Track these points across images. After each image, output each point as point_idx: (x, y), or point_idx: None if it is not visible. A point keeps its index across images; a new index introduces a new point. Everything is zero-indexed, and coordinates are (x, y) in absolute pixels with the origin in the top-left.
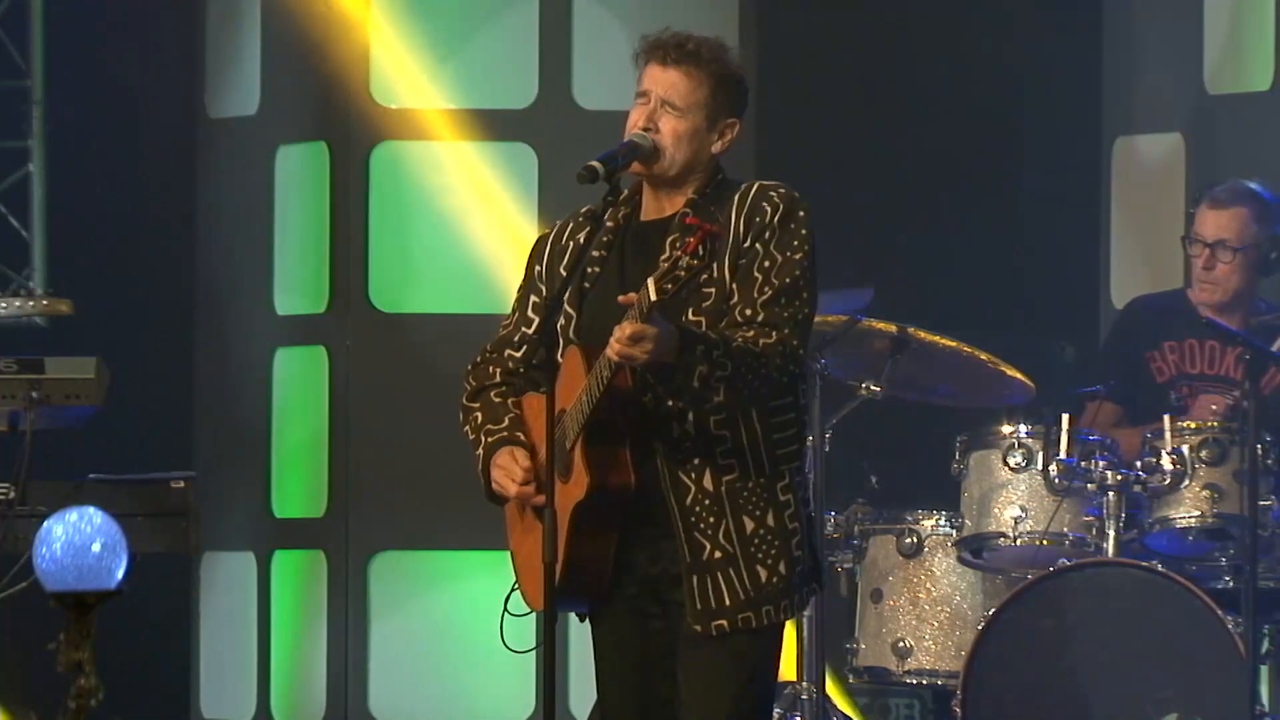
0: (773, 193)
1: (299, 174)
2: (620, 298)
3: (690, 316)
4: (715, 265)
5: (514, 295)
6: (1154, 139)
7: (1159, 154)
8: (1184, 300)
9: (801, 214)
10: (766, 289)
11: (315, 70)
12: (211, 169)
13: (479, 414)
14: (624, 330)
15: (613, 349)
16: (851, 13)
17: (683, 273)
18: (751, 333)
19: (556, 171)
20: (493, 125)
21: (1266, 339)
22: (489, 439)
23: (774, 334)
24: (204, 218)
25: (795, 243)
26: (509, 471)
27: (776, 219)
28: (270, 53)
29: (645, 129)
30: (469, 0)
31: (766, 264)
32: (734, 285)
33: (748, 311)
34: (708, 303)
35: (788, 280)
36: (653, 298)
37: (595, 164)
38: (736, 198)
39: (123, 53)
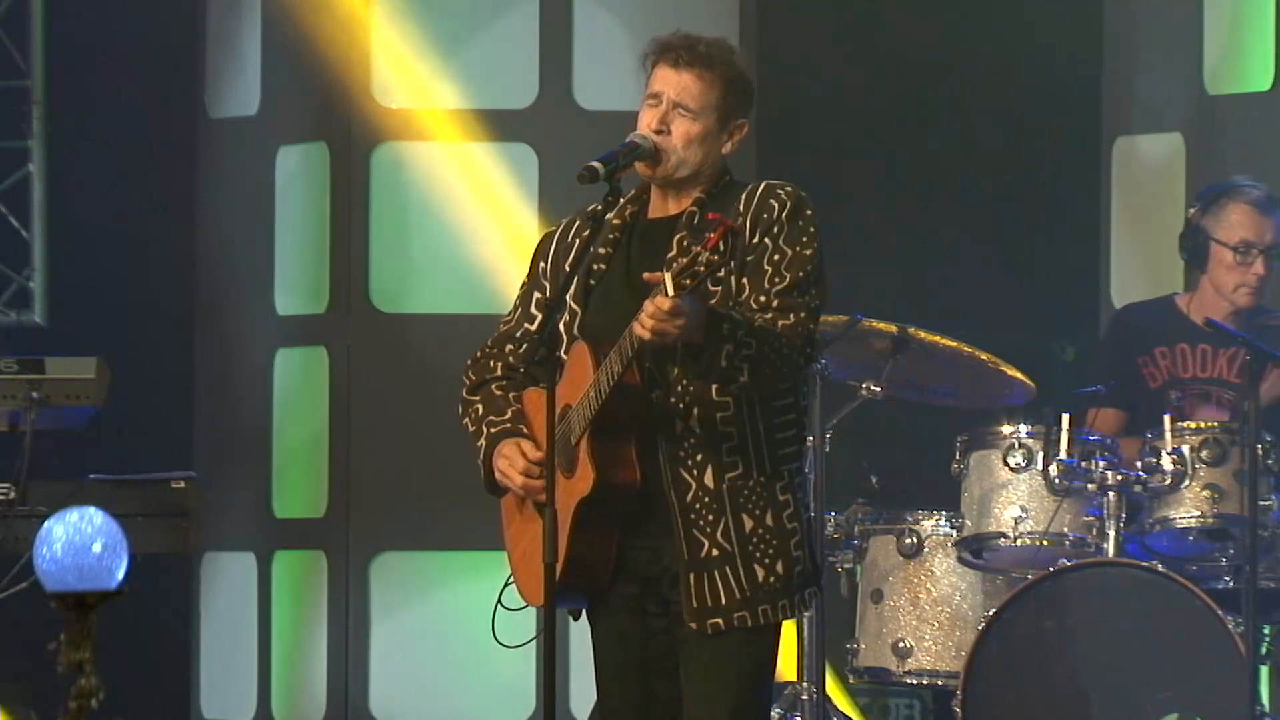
0: (780, 190)
1: (299, 174)
2: (646, 275)
3: None
4: (733, 265)
5: (514, 295)
6: (1154, 139)
7: (1159, 154)
8: (1172, 306)
9: (809, 212)
10: (778, 279)
11: (316, 70)
12: (212, 169)
13: (480, 406)
14: (660, 306)
15: (644, 323)
16: (851, 13)
17: (702, 268)
18: (770, 315)
19: (557, 172)
20: (493, 126)
21: (1270, 342)
22: (492, 429)
23: (791, 316)
24: (204, 218)
25: (804, 239)
26: (513, 461)
27: (784, 214)
28: (270, 53)
29: (658, 130)
30: (470, 0)
31: (776, 257)
32: (743, 280)
33: (762, 299)
34: (713, 300)
35: (800, 273)
36: (670, 293)
37: (595, 164)
38: (743, 197)
39: (123, 53)
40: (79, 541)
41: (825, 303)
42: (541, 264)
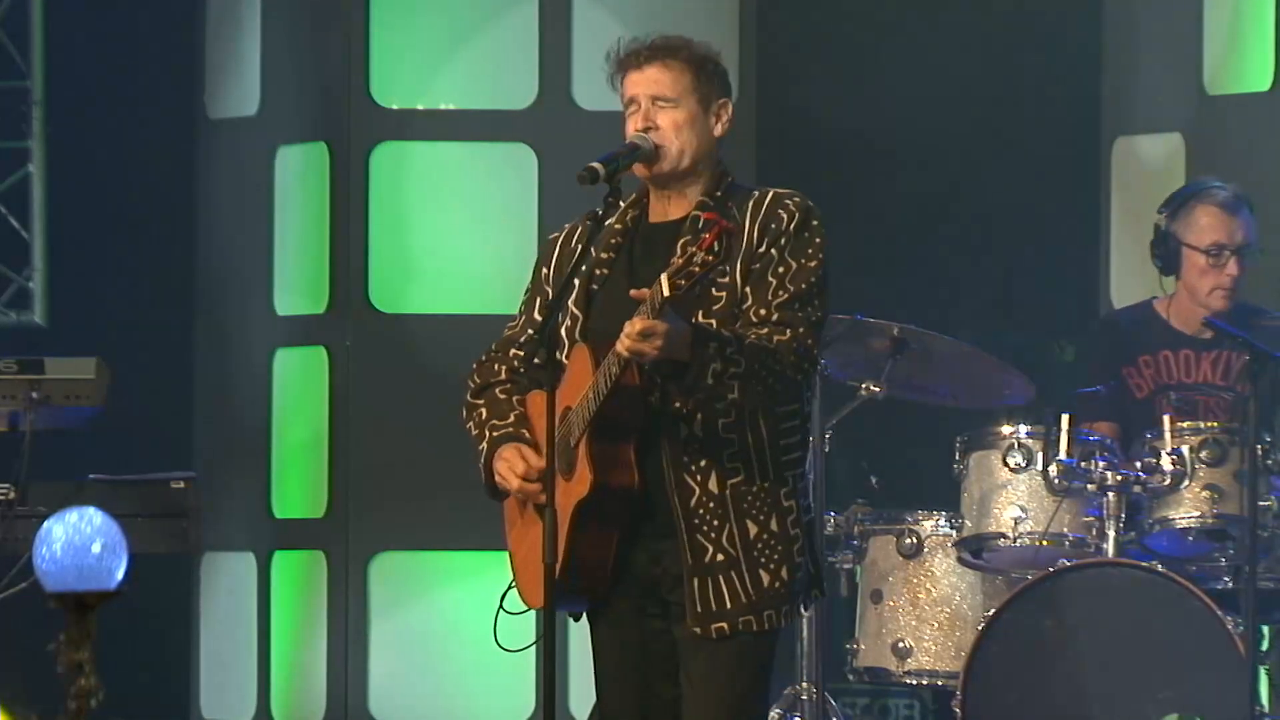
0: (788, 201)
1: (299, 174)
2: (632, 292)
3: (701, 319)
4: (728, 267)
5: (514, 295)
6: (1154, 139)
7: (1159, 154)
8: (1152, 313)
9: (815, 223)
10: (781, 292)
11: (315, 70)
12: (211, 169)
13: (483, 410)
14: (634, 325)
15: (622, 344)
16: (851, 13)
17: (697, 268)
18: (765, 330)
19: (556, 172)
20: (493, 126)
21: (1271, 344)
22: (493, 434)
23: (788, 331)
24: (204, 218)
25: (810, 250)
26: (513, 465)
27: (792, 226)
28: (270, 53)
29: (645, 129)
30: (469, 0)
31: (781, 269)
32: (747, 289)
33: (762, 311)
34: (719, 305)
35: (803, 285)
36: (666, 293)
37: (596, 165)
38: (751, 204)
39: (123, 53)
40: (78, 542)
41: (827, 314)
42: (544, 270)
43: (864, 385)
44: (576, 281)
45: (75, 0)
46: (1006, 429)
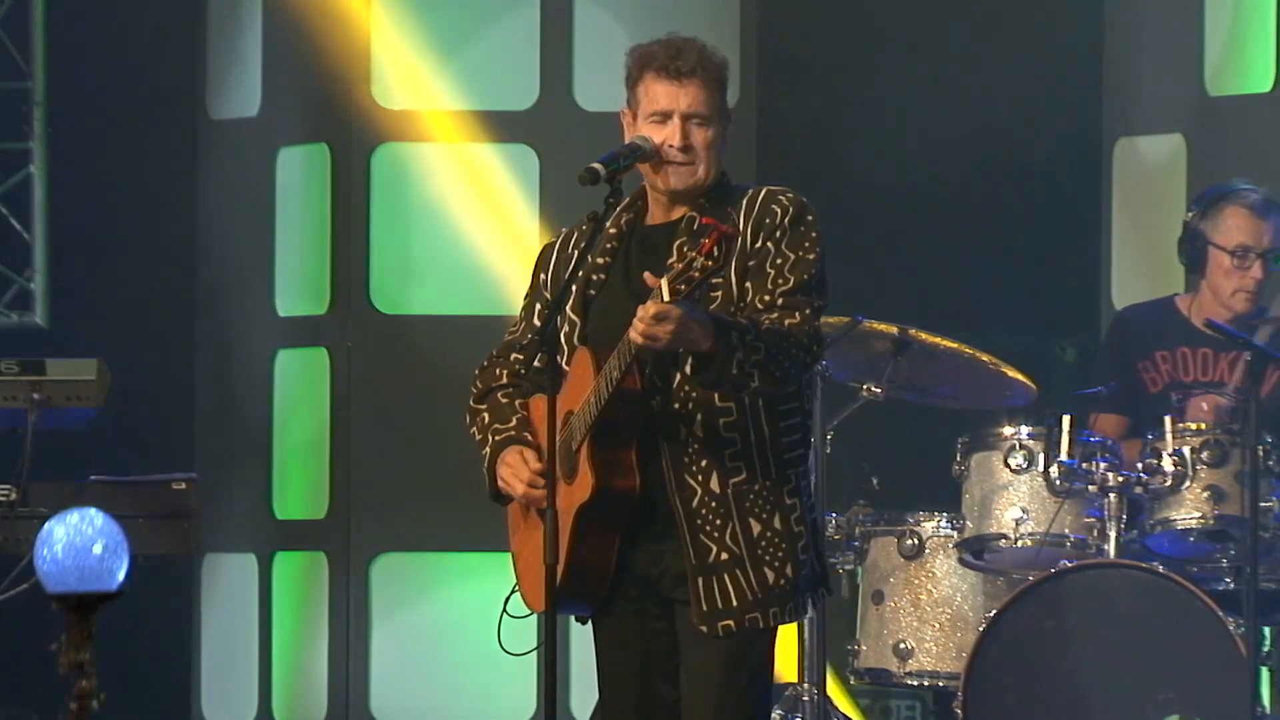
0: (782, 196)
1: (300, 175)
2: (646, 275)
3: None
4: (725, 270)
5: (515, 296)
6: (1154, 140)
7: (1159, 155)
8: (1173, 309)
9: (811, 217)
10: (782, 281)
11: (316, 71)
12: (212, 170)
13: (486, 414)
14: (647, 310)
15: (636, 329)
16: (851, 15)
17: (697, 273)
18: (775, 314)
19: (557, 173)
20: (494, 127)
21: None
22: (496, 438)
23: (796, 314)
24: (205, 219)
25: (807, 244)
26: (517, 470)
27: (787, 220)
28: (271, 54)
29: (684, 148)
30: (470, 1)
31: (780, 261)
32: (746, 284)
33: (766, 298)
34: (714, 306)
35: (804, 276)
36: (665, 299)
37: (596, 166)
38: (745, 202)
39: (123, 54)
40: (80, 543)
41: (827, 304)
42: (542, 275)
43: (865, 387)
44: (574, 287)
45: (75, 0)
46: (1008, 430)
